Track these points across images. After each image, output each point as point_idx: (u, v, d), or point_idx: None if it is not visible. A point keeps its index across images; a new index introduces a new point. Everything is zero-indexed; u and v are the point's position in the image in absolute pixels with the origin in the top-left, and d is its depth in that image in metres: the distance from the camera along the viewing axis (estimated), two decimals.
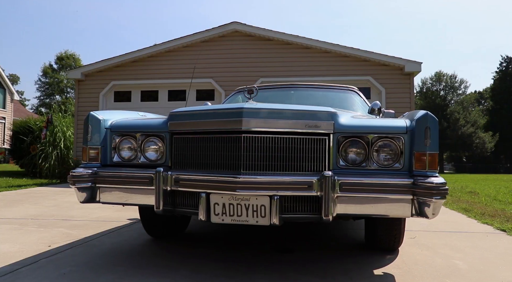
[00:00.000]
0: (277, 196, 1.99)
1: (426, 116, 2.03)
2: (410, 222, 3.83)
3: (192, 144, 2.23)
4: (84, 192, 2.28)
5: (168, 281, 2.08)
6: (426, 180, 1.91)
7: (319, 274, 2.21)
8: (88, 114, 2.40)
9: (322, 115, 2.12)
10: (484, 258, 2.59)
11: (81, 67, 9.18)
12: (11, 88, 23.98)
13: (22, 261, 2.41)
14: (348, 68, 8.55)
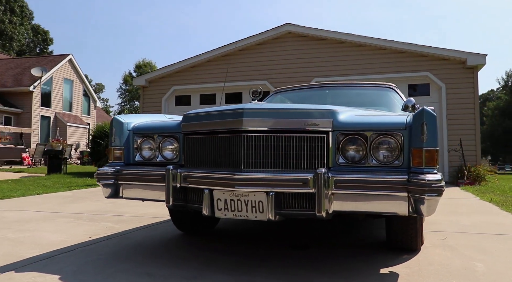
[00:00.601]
0: (272, 192, 2.07)
1: (422, 111, 1.98)
2: (447, 223, 3.67)
3: (201, 143, 2.38)
4: (109, 188, 2.53)
5: (177, 271, 2.24)
6: (420, 177, 1.87)
7: (321, 270, 2.24)
8: (112, 118, 2.66)
9: (321, 113, 2.15)
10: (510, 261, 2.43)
11: (145, 74, 9.83)
12: (94, 97, 26.17)
13: (61, 249, 2.73)
14: (404, 65, 8.23)
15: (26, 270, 2.25)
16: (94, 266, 2.33)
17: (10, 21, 35.30)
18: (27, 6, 37.93)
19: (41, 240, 2.99)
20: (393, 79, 8.41)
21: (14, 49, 35.01)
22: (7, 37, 34.67)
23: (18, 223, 3.69)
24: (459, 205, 4.89)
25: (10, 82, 21.20)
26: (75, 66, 23.98)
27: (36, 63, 22.34)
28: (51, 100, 22.03)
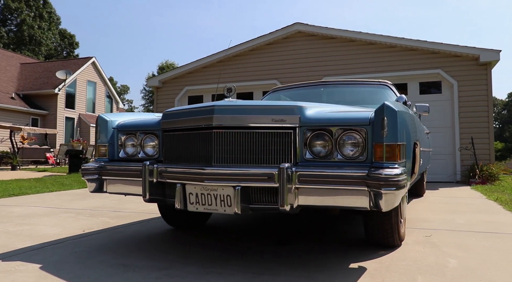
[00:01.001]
0: (239, 186, 2.13)
1: (382, 106, 2.00)
2: (439, 221, 3.63)
3: (177, 140, 2.46)
4: (93, 183, 2.65)
5: (153, 262, 2.33)
6: (377, 171, 1.89)
7: (293, 265, 2.28)
8: (97, 116, 2.78)
9: (288, 109, 2.20)
10: (489, 259, 2.40)
11: (159, 75, 10.03)
12: (116, 98, 26.79)
13: (52, 241, 2.86)
14: (415, 62, 8.11)
15: (13, 260, 2.38)
16: (76, 257, 2.44)
17: (39, 26, 36.57)
18: (55, 11, 39.18)
19: (37, 233, 3.14)
20: (404, 77, 8.32)
21: (43, 53, 36.24)
22: (36, 42, 35.93)
23: (22, 217, 3.87)
24: (461, 204, 4.81)
25: (37, 85, 21.96)
26: (98, 69, 24.61)
27: (61, 66, 23.07)
28: (75, 102, 22.69)
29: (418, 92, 8.30)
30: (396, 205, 1.97)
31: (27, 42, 35.56)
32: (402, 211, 2.67)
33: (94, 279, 2.03)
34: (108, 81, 25.71)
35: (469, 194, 5.85)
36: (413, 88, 8.33)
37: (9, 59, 24.80)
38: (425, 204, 4.78)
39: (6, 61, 24.11)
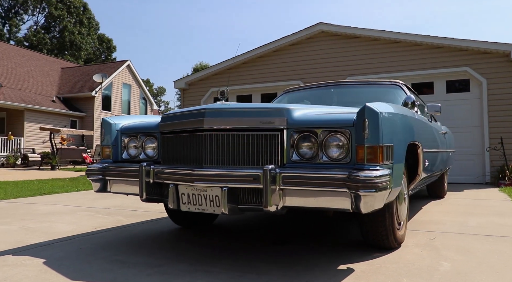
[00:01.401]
0: (226, 187, 2.19)
1: (363, 108, 2.00)
2: (450, 223, 3.55)
3: (173, 142, 2.55)
4: (97, 183, 2.79)
5: (148, 259, 2.43)
6: (356, 173, 1.89)
7: (282, 264, 2.32)
8: (102, 119, 2.92)
9: (275, 111, 2.24)
10: (485, 262, 2.34)
11: (185, 77, 10.25)
12: (150, 99, 27.51)
13: (63, 238, 3.03)
14: (441, 60, 7.88)
15: (22, 254, 2.55)
16: (80, 253, 2.58)
17: (79, 32, 38.14)
18: (94, 17, 40.74)
19: (53, 230, 3.33)
20: (430, 76, 8.10)
21: (82, 58, 37.77)
22: (76, 47, 37.50)
23: (44, 215, 4.10)
24: (481, 206, 4.65)
25: (76, 88, 22.91)
26: (132, 71, 25.36)
27: (98, 70, 23.95)
28: (111, 104, 23.49)
29: (444, 90, 8.05)
30: (377, 207, 1.97)
31: (68, 47, 37.19)
32: (399, 213, 2.64)
33: (88, 274, 2.15)
34: (142, 83, 26.44)
35: (495, 196, 5.63)
36: (439, 86, 8.10)
37: (51, 64, 26.02)
38: (442, 206, 4.65)
39: (48, 66, 25.31)
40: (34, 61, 24.48)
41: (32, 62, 24.10)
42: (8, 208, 4.63)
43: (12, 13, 36.46)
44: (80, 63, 33.95)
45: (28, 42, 35.92)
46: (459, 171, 7.82)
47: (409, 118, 2.60)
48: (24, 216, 4.07)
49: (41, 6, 37.23)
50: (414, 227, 3.38)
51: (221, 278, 2.06)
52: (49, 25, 38.20)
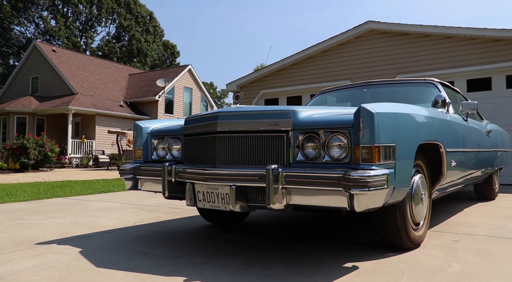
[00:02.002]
0: (234, 186, 2.33)
1: (359, 109, 2.04)
2: (486, 226, 3.41)
3: (193, 143, 2.75)
4: (129, 181, 3.06)
5: (168, 252, 2.64)
6: (350, 173, 1.95)
7: (289, 260, 2.42)
8: (134, 123, 3.18)
9: (281, 113, 2.34)
10: (499, 266, 2.26)
11: (236, 80, 10.55)
12: (211, 102, 28.40)
13: (104, 231, 3.35)
14: (500, 54, 7.40)
15: (65, 244, 2.88)
16: (113, 245, 2.86)
17: (146, 40, 40.37)
18: (159, 25, 42.90)
19: (97, 224, 3.68)
20: (487, 71, 7.63)
21: (148, 64, 39.93)
22: (143, 54, 39.72)
23: (95, 211, 4.51)
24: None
25: (141, 93, 24.31)
26: (194, 75, 26.37)
27: (162, 75, 25.22)
28: (173, 107, 24.60)
29: (504, 86, 7.55)
30: (374, 206, 2.01)
31: (135, 54, 39.54)
32: (415, 214, 2.61)
33: (112, 262, 2.40)
34: (203, 86, 27.39)
35: None
36: (498, 82, 7.60)
37: (120, 71, 27.82)
38: (486, 208, 4.43)
39: (117, 73, 27.10)
40: (105, 69, 26.33)
41: (103, 70, 25.95)
42: (68, 204, 5.14)
43: (88, 26, 39.46)
44: (146, 69, 35.92)
45: (100, 52, 38.71)
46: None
47: (423, 117, 2.56)
48: (78, 211, 4.50)
49: (112, 17, 39.90)
50: (444, 229, 3.29)
51: (227, 271, 2.21)
52: (119, 35, 40.86)
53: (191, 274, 2.15)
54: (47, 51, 23.19)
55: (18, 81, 24.24)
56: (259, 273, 2.17)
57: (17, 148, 15.06)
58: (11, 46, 36.00)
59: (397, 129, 2.20)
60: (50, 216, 4.16)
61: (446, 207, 4.59)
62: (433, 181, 2.98)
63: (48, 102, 20.98)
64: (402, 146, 2.21)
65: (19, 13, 35.35)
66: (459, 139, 3.25)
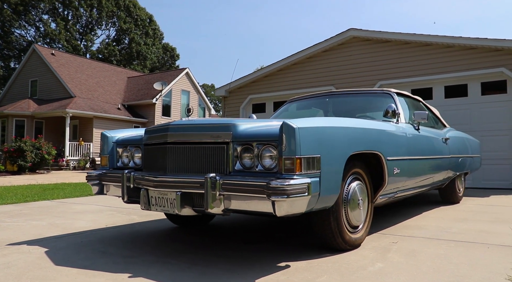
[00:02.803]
0: (180, 192, 2.58)
1: (282, 124, 2.29)
2: (432, 228, 3.64)
3: (150, 152, 3.00)
4: (96, 187, 3.31)
5: (125, 251, 2.89)
6: (271, 182, 2.19)
7: (233, 260, 2.66)
8: (101, 132, 3.44)
9: (222, 127, 2.59)
10: (417, 265, 2.50)
11: (225, 85, 10.80)
12: (208, 105, 28.67)
13: (75, 233, 3.60)
14: (474, 61, 7.64)
15: (34, 244, 3.13)
16: (78, 245, 3.11)
17: (145, 43, 40.74)
18: (158, 28, 43.30)
19: (72, 226, 3.93)
20: (463, 78, 7.86)
21: (147, 67, 40.30)
22: (142, 56, 40.09)
23: (74, 213, 4.77)
24: (486, 213, 4.58)
25: (139, 96, 24.61)
26: (191, 78, 26.66)
27: (160, 78, 25.51)
28: (171, 110, 24.90)
29: (479, 93, 7.78)
30: (296, 211, 2.25)
31: (135, 57, 39.90)
32: (350, 218, 2.85)
33: (71, 261, 2.65)
34: (200, 89, 27.67)
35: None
36: (474, 89, 7.83)
37: (118, 74, 28.14)
38: (445, 212, 4.66)
39: (116, 76, 27.42)
40: (104, 72, 26.65)
41: (101, 73, 26.27)
42: (51, 207, 5.39)
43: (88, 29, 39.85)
44: (145, 72, 36.27)
45: (100, 54, 39.06)
46: (496, 176, 7.53)
47: (354, 129, 2.79)
48: (58, 213, 4.76)
49: (112, 21, 40.29)
50: (390, 232, 3.53)
51: (171, 268, 2.46)
52: (119, 38, 41.23)
53: (137, 271, 2.40)
54: (46, 54, 23.53)
55: (17, 84, 24.59)
56: (199, 270, 2.42)
57: (14, 150, 15.37)
58: (12, 49, 36.41)
59: (323, 142, 2.44)
60: (30, 218, 4.42)
61: (406, 210, 4.83)
62: (378, 187, 3.22)
63: (47, 105, 21.30)
64: (328, 157, 2.45)
65: (20, 16, 35.75)
66: (403, 148, 3.48)
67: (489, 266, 2.46)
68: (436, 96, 8.23)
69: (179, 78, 25.64)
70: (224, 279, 2.25)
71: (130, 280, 2.25)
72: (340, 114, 4.28)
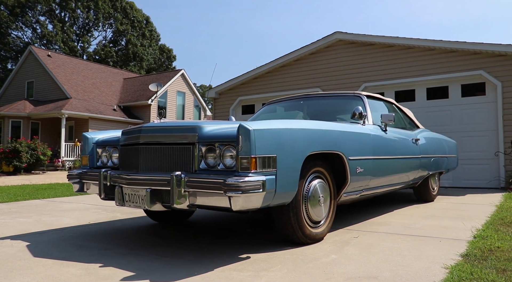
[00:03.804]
0: (149, 189, 2.78)
1: (238, 126, 2.50)
2: (396, 225, 3.85)
3: (125, 152, 3.20)
4: (76, 185, 3.52)
5: (101, 244, 3.10)
6: (227, 179, 2.40)
7: (199, 252, 2.87)
8: (82, 134, 3.65)
9: (189, 128, 2.80)
10: (367, 256, 2.71)
11: (215, 87, 11.01)
12: (204, 106, 28.86)
13: (58, 229, 3.80)
14: (455, 64, 7.86)
15: (17, 239, 3.33)
16: (58, 239, 3.31)
17: (142, 44, 40.97)
18: (155, 29, 43.53)
19: (57, 223, 4.13)
20: (444, 80, 8.09)
21: (144, 68, 40.52)
22: (139, 58, 40.30)
23: (62, 211, 4.97)
24: (454, 210, 4.79)
25: (135, 97, 24.80)
26: (186, 80, 26.87)
27: (155, 79, 25.71)
28: (166, 111, 25.08)
29: (460, 95, 8.01)
30: (252, 206, 2.46)
31: (131, 58, 40.12)
32: (311, 214, 3.06)
33: (49, 253, 2.85)
34: (196, 90, 27.87)
35: (486, 201, 5.64)
36: (454, 91, 8.06)
37: (115, 75, 28.33)
38: (415, 209, 4.87)
39: (112, 77, 27.61)
40: (100, 73, 26.84)
41: (97, 75, 26.45)
42: (41, 205, 5.59)
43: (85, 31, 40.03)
44: (142, 73, 36.45)
45: (97, 56, 39.25)
46: (476, 176, 7.75)
47: (312, 131, 2.99)
48: (46, 211, 4.96)
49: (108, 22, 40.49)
50: (357, 227, 3.74)
51: (140, 259, 2.66)
52: (115, 39, 41.43)
53: (109, 262, 2.60)
54: (42, 56, 23.71)
55: (14, 85, 24.76)
56: (165, 261, 2.62)
57: (10, 151, 15.54)
58: (9, 50, 36.57)
59: (279, 143, 2.64)
60: (18, 216, 4.62)
61: (379, 208, 5.04)
62: (342, 185, 3.42)
63: (43, 106, 21.48)
64: (284, 156, 2.66)
65: (17, 18, 35.93)
66: (367, 148, 3.69)
67: (433, 257, 2.67)
68: (418, 98, 8.46)
69: (175, 79, 25.84)
70: (186, 268, 2.46)
71: (100, 269, 2.46)
72: (312, 116, 4.50)
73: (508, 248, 2.78)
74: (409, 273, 2.33)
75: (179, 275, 2.32)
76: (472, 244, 2.96)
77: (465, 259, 2.59)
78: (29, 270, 2.45)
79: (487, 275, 2.20)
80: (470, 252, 2.71)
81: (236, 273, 2.36)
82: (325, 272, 2.36)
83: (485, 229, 3.52)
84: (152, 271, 2.40)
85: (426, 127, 7.95)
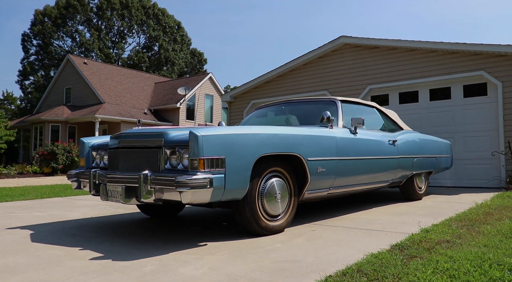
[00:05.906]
0: (124, 185, 3.28)
1: (188, 132, 2.95)
2: (362, 221, 4.17)
3: (112, 155, 3.73)
4: (75, 183, 4.09)
5: (90, 234, 3.64)
6: (177, 177, 2.86)
7: (167, 241, 3.34)
8: (80, 139, 4.22)
9: (156, 134, 3.29)
10: (311, 246, 3.08)
11: (230, 91, 11.52)
12: None
13: (63, 221, 4.40)
14: (457, 65, 7.96)
15: (26, 229, 3.94)
16: (59, 230, 3.89)
17: (173, 49, 42.31)
18: (186, 34, 44.82)
19: (65, 216, 4.74)
20: (446, 81, 8.20)
21: (175, 72, 41.82)
22: (170, 62, 41.64)
23: (74, 207, 5.61)
24: (431, 207, 5.02)
25: (164, 101, 25.81)
26: (214, 83, 27.63)
27: (185, 83, 26.61)
28: (195, 114, 25.90)
29: (462, 95, 8.09)
30: (199, 201, 2.91)
31: (164, 63, 41.53)
32: (267, 208, 3.46)
33: (45, 240, 3.41)
34: (223, 93, 28.56)
35: (471, 199, 5.79)
36: (457, 91, 8.15)
37: (146, 80, 29.54)
38: (393, 207, 5.14)
39: (143, 82, 28.82)
40: (132, 78, 28.09)
41: (130, 80, 27.70)
42: (60, 202, 6.28)
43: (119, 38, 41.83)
44: (174, 77, 37.67)
45: (131, 61, 40.92)
46: (478, 175, 7.83)
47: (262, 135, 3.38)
48: (62, 207, 5.61)
49: (141, 29, 42.11)
50: (323, 223, 4.09)
51: (115, 245, 3.17)
52: (148, 45, 43.02)
53: (88, 246, 3.13)
54: (78, 63, 25.16)
55: (54, 91, 26.40)
56: (135, 247, 3.11)
57: (48, 154, 16.75)
58: (52, 58, 38.82)
59: (227, 146, 3.07)
60: (35, 211, 5.28)
61: (360, 205, 5.34)
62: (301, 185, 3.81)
63: (79, 111, 22.83)
64: (233, 158, 3.09)
65: (59, 28, 38.08)
66: (330, 149, 4.03)
67: (366, 247, 3.01)
68: (421, 99, 8.60)
69: (203, 82, 26.65)
70: (148, 252, 2.94)
71: (78, 251, 2.98)
72: (295, 120, 4.90)
73: (435, 239, 3.08)
74: (331, 259, 2.69)
75: (137, 256, 2.80)
76: (410, 236, 3.27)
77: (391, 248, 2.91)
78: (22, 251, 3.01)
79: (394, 260, 2.53)
80: (401, 243, 3.03)
81: (185, 256, 2.82)
82: (259, 257, 2.77)
83: (439, 224, 3.79)
84: (118, 253, 2.90)
85: (429, 127, 8.13)
